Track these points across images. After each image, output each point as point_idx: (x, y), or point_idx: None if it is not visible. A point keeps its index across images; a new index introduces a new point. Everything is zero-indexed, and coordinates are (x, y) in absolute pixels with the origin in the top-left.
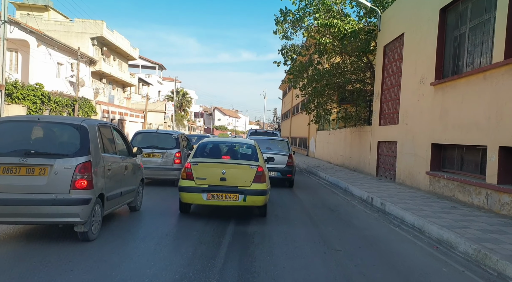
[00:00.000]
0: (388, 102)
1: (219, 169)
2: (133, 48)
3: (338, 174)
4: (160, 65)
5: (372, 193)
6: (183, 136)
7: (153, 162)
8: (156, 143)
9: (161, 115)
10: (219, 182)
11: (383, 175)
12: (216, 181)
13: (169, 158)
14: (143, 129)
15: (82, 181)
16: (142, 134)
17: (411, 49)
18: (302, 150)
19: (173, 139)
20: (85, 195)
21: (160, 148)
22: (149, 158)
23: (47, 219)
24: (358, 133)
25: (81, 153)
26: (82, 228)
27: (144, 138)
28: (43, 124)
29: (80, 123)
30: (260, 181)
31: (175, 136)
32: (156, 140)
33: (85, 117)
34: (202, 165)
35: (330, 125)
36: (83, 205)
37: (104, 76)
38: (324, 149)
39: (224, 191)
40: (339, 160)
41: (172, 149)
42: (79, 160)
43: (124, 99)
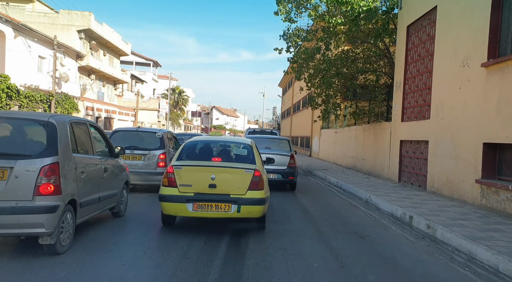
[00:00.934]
0: (414, 93)
1: (207, 173)
2: (125, 43)
3: (351, 179)
4: (155, 61)
5: (406, 208)
6: (170, 135)
7: (133, 165)
8: (137, 143)
9: (155, 114)
10: (208, 189)
11: (407, 181)
12: (204, 188)
13: (151, 160)
14: (122, 127)
15: (48, 185)
16: (121, 133)
17: (449, 24)
18: (304, 150)
19: (156, 139)
20: (52, 201)
21: (142, 149)
22: (128, 161)
23: (6, 230)
24: (373, 131)
25: (48, 154)
26: (48, 240)
27: (123, 137)
28: (2, 120)
29: (47, 119)
30: (257, 187)
31: (159, 135)
32: (137, 140)
33: (64, 114)
34: (187, 169)
35: (337, 123)
36: (49, 213)
37: (93, 72)
38: (329, 149)
39: (214, 200)
40: (349, 162)
41: (155, 150)
42: (45, 162)
43: (115, 96)
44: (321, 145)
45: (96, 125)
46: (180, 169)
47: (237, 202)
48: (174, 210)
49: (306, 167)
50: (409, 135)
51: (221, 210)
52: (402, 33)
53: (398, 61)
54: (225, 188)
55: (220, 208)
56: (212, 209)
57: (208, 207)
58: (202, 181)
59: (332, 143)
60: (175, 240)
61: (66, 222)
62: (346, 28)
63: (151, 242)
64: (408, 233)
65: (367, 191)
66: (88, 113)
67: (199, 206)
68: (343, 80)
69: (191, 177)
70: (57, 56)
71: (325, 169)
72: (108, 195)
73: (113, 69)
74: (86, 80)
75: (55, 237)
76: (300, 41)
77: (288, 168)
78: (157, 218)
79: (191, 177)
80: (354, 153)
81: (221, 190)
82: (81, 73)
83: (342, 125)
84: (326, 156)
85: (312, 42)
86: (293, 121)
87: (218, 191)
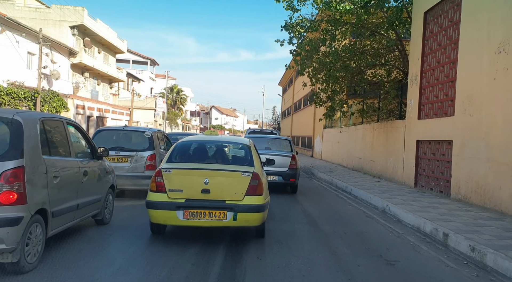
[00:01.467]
0: (434, 87)
1: (200, 177)
2: (121, 40)
3: (361, 184)
4: (152, 60)
5: (435, 221)
6: (160, 134)
7: (119, 168)
8: (123, 144)
9: (151, 113)
10: (201, 195)
11: (426, 186)
12: (196, 193)
13: (139, 162)
14: (107, 126)
15: (10, 194)
16: (106, 132)
17: (478, 6)
18: (306, 150)
19: (145, 138)
20: (14, 212)
21: (128, 150)
22: (113, 163)
23: None
24: (383, 130)
25: (10, 156)
26: (10, 257)
27: (108, 137)
28: None
29: (12, 117)
30: (256, 193)
31: (148, 135)
32: (123, 140)
33: (53, 113)
34: (178, 172)
35: (342, 122)
36: (11, 226)
37: (87, 70)
38: (333, 150)
39: (207, 207)
40: (355, 164)
41: (143, 151)
42: (6, 166)
43: (110, 95)
44: (324, 145)
45: (75, 123)
46: (169, 172)
47: (233, 209)
48: (163, 218)
49: (309, 168)
50: (428, 134)
51: (215, 218)
52: (418, 21)
53: (413, 52)
54: (219, 193)
55: (214, 216)
56: (206, 217)
57: (200, 215)
58: (194, 186)
59: (336, 143)
60: (164, 252)
61: (34, 235)
62: (353, 17)
63: (135, 255)
64: (445, 256)
65: (382, 198)
66: (78, 112)
67: (191, 214)
68: (350, 75)
69: (181, 182)
70: (48, 52)
71: (330, 171)
72: (89, 201)
73: (108, 67)
74: (79, 78)
75: (18, 253)
76: (303, 31)
77: (289, 169)
78: (145, 226)
79: (181, 181)
80: (361, 154)
81: (215, 196)
82: (74, 70)
83: (347, 124)
84: (330, 157)
85: (317, 32)
86: (293, 120)
87: (212, 197)
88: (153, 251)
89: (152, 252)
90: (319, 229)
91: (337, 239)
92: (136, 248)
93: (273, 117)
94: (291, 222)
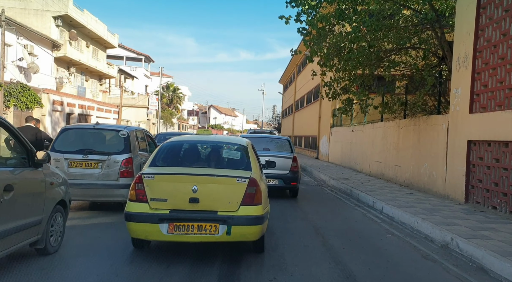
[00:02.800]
0: (496, 69)
1: (187, 184)
2: (111, 34)
3: (393, 198)
4: (147, 56)
5: None
6: (141, 133)
7: (87, 175)
8: (93, 146)
9: (144, 111)
10: (188, 205)
11: (484, 203)
12: (183, 203)
13: (112, 168)
14: (73, 124)
15: None
16: (73, 131)
17: None
18: (309, 151)
19: (120, 139)
20: None
21: (99, 153)
22: (80, 169)
23: None
24: (413, 128)
25: None
26: None
27: (76, 137)
28: None
29: None
30: (253, 202)
31: (124, 134)
32: (92, 141)
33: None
34: (161, 178)
35: (354, 119)
36: None
37: (73, 64)
38: (344, 152)
39: (196, 219)
40: (374, 168)
41: (117, 154)
42: None
43: (100, 92)
44: (332, 146)
45: (3, 120)
46: (151, 178)
47: (227, 221)
48: (144, 233)
49: (314, 174)
50: (486, 132)
51: (205, 232)
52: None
53: (460, 27)
54: (210, 203)
55: (204, 230)
56: (194, 231)
57: (188, 229)
58: (181, 194)
59: (347, 144)
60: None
61: None
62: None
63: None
64: None
65: (435, 224)
66: (55, 109)
67: (177, 227)
68: (375, 58)
69: (166, 189)
70: (27, 44)
71: (344, 177)
72: (18, 226)
73: (98, 62)
74: (63, 73)
75: None
76: (315, 3)
77: (290, 172)
78: (118, 251)
79: (166, 189)
80: (382, 157)
81: (205, 206)
82: (59, 65)
83: (361, 122)
84: (339, 159)
85: (332, 5)
86: (295, 119)
87: (202, 207)
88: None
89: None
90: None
91: None
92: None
93: (273, 116)
94: (313, 277)
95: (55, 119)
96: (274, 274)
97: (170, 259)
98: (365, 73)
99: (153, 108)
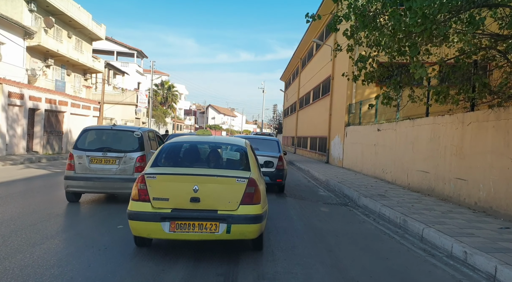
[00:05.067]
0: None
1: (189, 184)
2: (97, 24)
3: (493, 239)
4: (139, 51)
5: None
6: (152, 134)
7: (106, 170)
8: (111, 144)
9: (132, 109)
10: (189, 204)
11: None
12: (184, 202)
13: (128, 164)
14: (94, 125)
15: None
16: (93, 132)
17: None
18: (317, 154)
19: (134, 139)
20: None
21: (116, 151)
22: (100, 165)
23: None
24: (494, 124)
25: None
26: None
27: (96, 137)
28: None
29: None
30: (252, 201)
31: (138, 134)
32: (110, 140)
33: None
34: (163, 178)
35: (380, 116)
36: None
37: (51, 56)
38: (364, 156)
39: (197, 218)
40: (416, 180)
41: (132, 152)
42: None
43: (83, 87)
44: (347, 149)
45: None
46: (153, 178)
47: (227, 220)
48: (146, 231)
49: (337, 185)
50: None
51: (206, 230)
52: None
53: None
54: (211, 202)
55: (205, 228)
56: (195, 230)
57: (189, 227)
58: (182, 194)
59: (369, 147)
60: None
61: None
62: None
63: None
64: None
65: None
66: (13, 102)
67: (178, 226)
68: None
69: (167, 189)
70: None
71: (379, 194)
72: None
73: (80, 54)
74: (35, 65)
75: None
76: None
77: (276, 170)
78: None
79: (167, 188)
80: (430, 165)
81: (206, 205)
82: (34, 56)
83: (391, 119)
84: (358, 165)
85: None
86: (299, 118)
87: (202, 206)
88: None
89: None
90: None
91: None
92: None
93: (273, 115)
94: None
95: (13, 115)
96: None
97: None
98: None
99: (142, 106)
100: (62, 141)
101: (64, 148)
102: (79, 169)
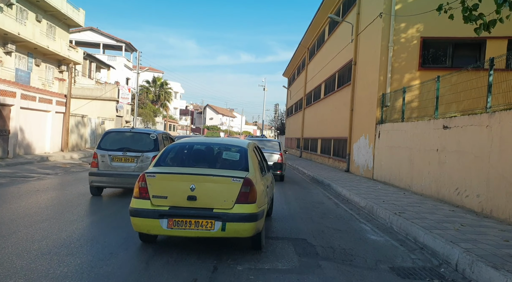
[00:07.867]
0: None
1: (186, 183)
2: (74, 8)
3: None
4: (128, 44)
5: None
6: (166, 136)
7: (126, 167)
8: (130, 145)
9: (113, 105)
10: (186, 202)
11: None
12: (181, 200)
13: (145, 162)
14: (115, 128)
15: None
16: (114, 134)
17: None
18: (332, 160)
19: (151, 140)
20: None
21: (135, 151)
22: (120, 163)
23: None
24: None
25: None
26: None
27: (116, 138)
28: None
29: None
30: (248, 200)
31: (154, 136)
32: (129, 141)
33: None
34: (162, 177)
35: (438, 108)
36: None
37: (11, 40)
38: (415, 167)
39: (193, 215)
40: None
41: (149, 152)
42: None
43: (55, 80)
44: (381, 155)
45: None
46: (153, 177)
47: (222, 218)
48: (146, 227)
49: (384, 218)
50: None
51: (202, 227)
52: None
53: None
54: (207, 201)
55: (201, 226)
56: (191, 227)
57: (186, 224)
58: (180, 192)
59: (427, 153)
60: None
61: None
62: None
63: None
64: None
65: None
66: None
67: (176, 223)
68: None
69: (166, 187)
70: None
71: None
72: None
73: (52, 41)
74: None
75: None
76: None
77: (277, 163)
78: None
79: (166, 187)
80: None
81: (202, 204)
82: None
83: (475, 109)
84: (403, 179)
85: None
86: (306, 117)
87: (199, 204)
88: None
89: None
90: None
91: None
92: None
93: (275, 115)
94: None
95: None
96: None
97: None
98: None
99: (124, 102)
100: (9, 142)
101: (12, 152)
102: (102, 166)
